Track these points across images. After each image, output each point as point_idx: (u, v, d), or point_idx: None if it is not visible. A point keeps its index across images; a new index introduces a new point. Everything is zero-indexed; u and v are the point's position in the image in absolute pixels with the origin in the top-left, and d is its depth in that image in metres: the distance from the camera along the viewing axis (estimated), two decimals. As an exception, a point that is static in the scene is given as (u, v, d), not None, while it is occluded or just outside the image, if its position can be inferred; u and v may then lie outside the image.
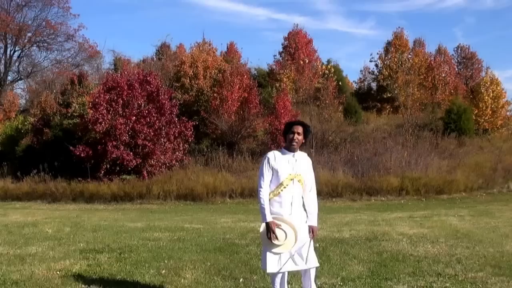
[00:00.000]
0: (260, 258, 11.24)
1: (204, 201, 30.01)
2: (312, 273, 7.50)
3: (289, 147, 7.41)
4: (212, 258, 11.50)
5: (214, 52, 48.65)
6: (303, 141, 7.46)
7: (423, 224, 16.89)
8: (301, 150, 7.64)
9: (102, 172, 31.96)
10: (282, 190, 7.31)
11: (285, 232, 7.17)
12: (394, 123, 42.71)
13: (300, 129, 7.37)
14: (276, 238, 7.16)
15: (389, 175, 30.25)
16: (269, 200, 7.34)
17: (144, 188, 31.00)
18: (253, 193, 29.84)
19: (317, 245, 11.79)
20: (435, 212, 21.23)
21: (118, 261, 11.30)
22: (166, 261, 11.15)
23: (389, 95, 49.12)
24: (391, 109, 49.96)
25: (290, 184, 7.30)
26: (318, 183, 7.91)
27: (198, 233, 15.60)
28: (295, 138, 7.32)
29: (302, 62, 47.78)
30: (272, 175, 7.36)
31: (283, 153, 7.46)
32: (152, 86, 34.01)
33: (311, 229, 7.33)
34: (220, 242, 13.68)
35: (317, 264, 7.49)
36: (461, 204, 25.67)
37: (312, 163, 7.75)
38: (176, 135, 33.84)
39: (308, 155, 7.74)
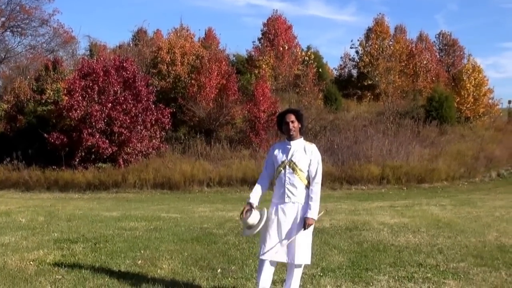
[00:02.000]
0: (239, 248, 11.26)
1: (181, 190, 29.98)
2: (297, 272, 7.46)
3: (288, 137, 7.50)
4: (190, 248, 11.46)
5: (192, 38, 48.43)
6: (300, 126, 7.53)
7: (404, 213, 16.94)
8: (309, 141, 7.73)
9: (77, 160, 31.81)
10: (276, 178, 7.50)
11: (252, 214, 7.29)
12: (375, 111, 42.80)
13: (292, 117, 7.46)
14: (243, 216, 7.40)
15: (369, 163, 30.34)
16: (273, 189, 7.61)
17: (120, 176, 30.91)
18: (231, 182, 29.89)
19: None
20: (416, 201, 21.31)
21: (93, 251, 11.23)
22: (142, 251, 11.10)
23: (370, 82, 49.21)
24: (372, 97, 50.04)
25: (282, 171, 7.40)
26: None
27: (175, 223, 15.55)
28: (291, 127, 7.41)
29: (281, 49, 47.69)
30: (273, 164, 7.57)
31: (282, 143, 7.64)
32: (128, 72, 33.83)
33: (304, 221, 7.31)
34: (197, 232, 13.64)
35: (303, 262, 7.35)
36: (442, 193, 25.81)
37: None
38: (153, 122, 33.74)
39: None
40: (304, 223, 7.20)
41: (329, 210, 18.11)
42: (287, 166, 7.36)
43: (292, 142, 7.44)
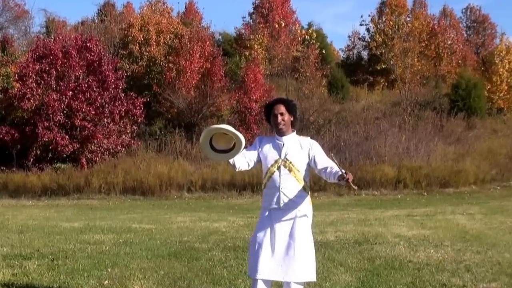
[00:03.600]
0: (225, 266, 11.27)
1: (156, 195, 29.99)
2: None
3: (277, 131, 7.39)
4: (166, 265, 11.46)
5: (169, 13, 48.60)
6: (292, 119, 7.41)
7: (425, 224, 16.97)
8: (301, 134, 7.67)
9: (31, 159, 31.72)
10: (268, 180, 7.34)
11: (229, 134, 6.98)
12: (390, 101, 42.87)
13: (282, 108, 7.32)
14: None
15: (383, 164, 30.37)
16: (262, 193, 7.47)
17: (83, 179, 30.85)
18: (216, 186, 29.86)
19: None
20: (439, 209, 21.35)
21: (50, 270, 11.20)
22: (109, 270, 11.08)
23: (383, 66, 49.34)
24: (386, 84, 50.20)
25: (276, 172, 7.26)
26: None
27: (149, 235, 15.55)
28: (279, 120, 7.28)
29: (277, 26, 47.79)
30: (259, 160, 7.43)
31: (272, 138, 7.49)
32: (93, 54, 33.79)
33: (345, 175, 6.99)
34: (176, 246, 13.64)
35: (305, 279, 7.21)
36: (470, 199, 25.84)
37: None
38: (123, 114, 33.70)
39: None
40: (344, 178, 6.89)
41: (335, 220, 18.15)
42: (281, 167, 7.25)
43: (283, 138, 7.36)
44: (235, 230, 16.34)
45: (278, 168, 7.26)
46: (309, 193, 7.44)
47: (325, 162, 7.40)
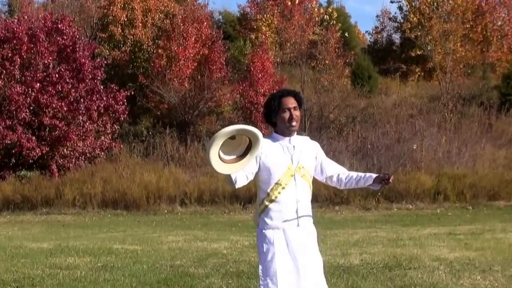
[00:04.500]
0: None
1: (143, 209, 29.96)
2: None
3: (286, 131, 7.05)
4: (155, 295, 11.46)
5: (158, -12, 48.58)
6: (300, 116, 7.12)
7: (470, 244, 16.93)
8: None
9: (-10, 166, 31.81)
10: (280, 193, 6.91)
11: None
12: (427, 95, 42.81)
13: (294, 101, 7.00)
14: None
15: (419, 171, 30.30)
16: (265, 209, 6.97)
17: (53, 190, 30.79)
18: (216, 199, 29.78)
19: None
20: (487, 226, 21.31)
21: (13, 300, 11.23)
22: (85, 300, 11.10)
23: (419, 52, 49.17)
24: (422, 74, 50.08)
25: (291, 182, 6.90)
26: (313, 182, 7.54)
27: (133, 258, 15.54)
28: (294, 116, 6.92)
29: (289, 3, 47.75)
30: (260, 169, 6.97)
31: (274, 140, 7.13)
32: (65, 37, 33.75)
33: (384, 176, 6.91)
34: (166, 272, 13.62)
35: None
36: (525, 214, 25.81)
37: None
38: (102, 111, 33.66)
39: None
40: (390, 179, 6.81)
41: (360, 239, 18.11)
42: (296, 174, 6.92)
43: (292, 139, 7.04)
44: (238, 252, 16.29)
45: (293, 176, 6.91)
46: None
47: (335, 167, 7.29)
